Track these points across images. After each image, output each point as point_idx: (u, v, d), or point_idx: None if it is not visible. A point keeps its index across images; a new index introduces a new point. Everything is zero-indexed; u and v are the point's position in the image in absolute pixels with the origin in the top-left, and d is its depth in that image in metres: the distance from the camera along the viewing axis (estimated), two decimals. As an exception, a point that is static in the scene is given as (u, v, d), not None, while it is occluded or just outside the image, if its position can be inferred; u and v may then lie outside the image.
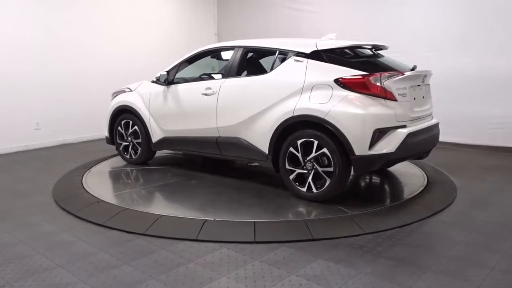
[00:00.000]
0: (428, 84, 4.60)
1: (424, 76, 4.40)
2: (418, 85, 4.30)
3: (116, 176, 5.51)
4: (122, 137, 5.88)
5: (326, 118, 3.94)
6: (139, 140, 5.68)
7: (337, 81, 3.98)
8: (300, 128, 4.18)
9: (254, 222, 3.65)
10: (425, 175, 5.08)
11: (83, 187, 4.74)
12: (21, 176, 5.47)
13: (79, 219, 3.85)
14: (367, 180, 5.08)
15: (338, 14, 8.13)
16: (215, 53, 5.36)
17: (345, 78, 3.96)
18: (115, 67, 8.22)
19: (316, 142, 4.04)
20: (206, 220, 3.66)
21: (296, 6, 8.76)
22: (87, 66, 7.80)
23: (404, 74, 4.06)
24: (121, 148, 5.93)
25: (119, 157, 6.12)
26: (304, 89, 4.16)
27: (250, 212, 3.96)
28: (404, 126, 3.99)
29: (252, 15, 9.57)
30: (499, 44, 6.42)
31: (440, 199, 4.30)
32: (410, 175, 5.11)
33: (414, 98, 4.20)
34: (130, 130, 5.75)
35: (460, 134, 6.88)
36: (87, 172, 5.39)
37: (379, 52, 4.71)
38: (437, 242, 3.34)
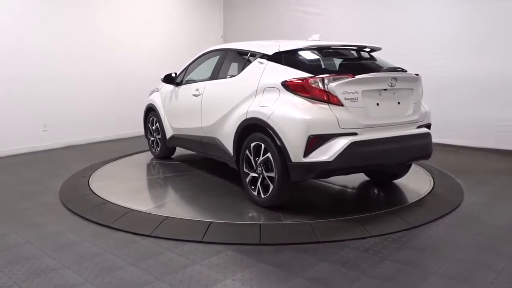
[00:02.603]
0: (411, 89, 4.11)
1: (393, 79, 3.89)
2: (385, 89, 3.88)
3: (121, 173, 5.58)
4: (150, 133, 6.37)
5: (268, 121, 3.82)
6: (160, 136, 6.08)
7: (283, 84, 3.84)
8: (253, 131, 4.09)
9: (260, 224, 3.66)
10: (431, 178, 5.06)
11: (90, 188, 4.77)
12: (28, 177, 5.51)
13: (86, 220, 3.87)
14: (371, 183, 5.06)
15: (344, 16, 8.12)
16: (211, 56, 5.39)
17: (288, 81, 3.81)
18: (123, 70, 8.28)
19: (263, 146, 3.94)
20: (212, 222, 3.67)
21: (302, 8, 8.77)
22: (94, 68, 7.84)
23: (354, 77, 3.70)
24: (149, 143, 6.44)
25: (125, 158, 6.46)
26: (257, 92, 4.09)
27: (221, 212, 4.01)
28: (353, 134, 3.65)
29: (258, 17, 9.59)
30: (507, 47, 6.38)
31: (446, 202, 4.28)
32: (416, 178, 5.08)
33: (377, 104, 3.84)
34: (154, 127, 6.20)
35: (467, 137, 6.84)
36: (93, 174, 5.42)
37: (372, 53, 4.51)
38: (443, 245, 3.32)
